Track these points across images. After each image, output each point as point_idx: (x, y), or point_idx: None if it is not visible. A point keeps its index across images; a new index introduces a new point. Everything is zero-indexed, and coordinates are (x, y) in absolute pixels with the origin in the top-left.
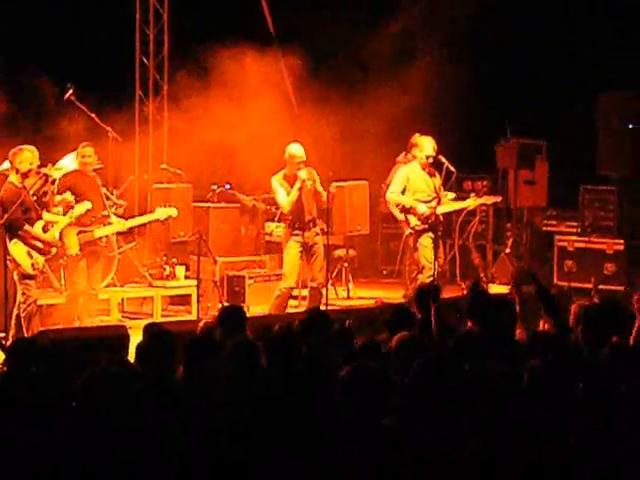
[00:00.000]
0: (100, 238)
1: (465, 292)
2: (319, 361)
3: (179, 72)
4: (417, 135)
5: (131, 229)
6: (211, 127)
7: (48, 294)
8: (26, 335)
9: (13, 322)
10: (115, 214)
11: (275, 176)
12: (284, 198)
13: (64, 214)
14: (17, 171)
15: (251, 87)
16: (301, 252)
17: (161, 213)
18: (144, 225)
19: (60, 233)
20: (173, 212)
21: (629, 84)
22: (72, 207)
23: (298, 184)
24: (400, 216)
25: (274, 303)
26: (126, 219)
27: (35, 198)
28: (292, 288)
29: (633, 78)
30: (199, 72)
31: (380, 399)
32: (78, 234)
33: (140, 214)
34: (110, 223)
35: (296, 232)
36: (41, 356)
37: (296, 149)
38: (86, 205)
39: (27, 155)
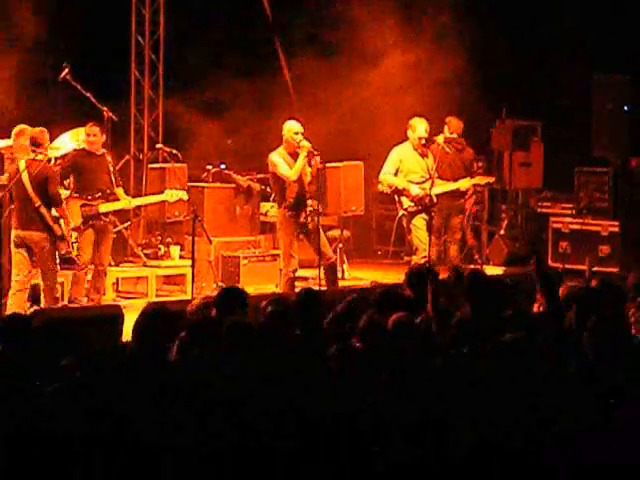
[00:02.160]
0: (105, 214)
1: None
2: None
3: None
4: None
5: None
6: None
7: None
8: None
9: (12, 293)
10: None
11: (272, 152)
12: (287, 168)
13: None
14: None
15: (248, 66)
16: (298, 233)
17: (170, 195)
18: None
19: (65, 203)
20: (184, 195)
21: (624, 66)
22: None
23: (304, 152)
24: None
25: (285, 287)
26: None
27: None
28: (296, 269)
29: (628, 60)
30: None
31: None
32: (82, 207)
33: (139, 195)
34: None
35: (291, 213)
36: (35, 335)
37: (294, 124)
38: None
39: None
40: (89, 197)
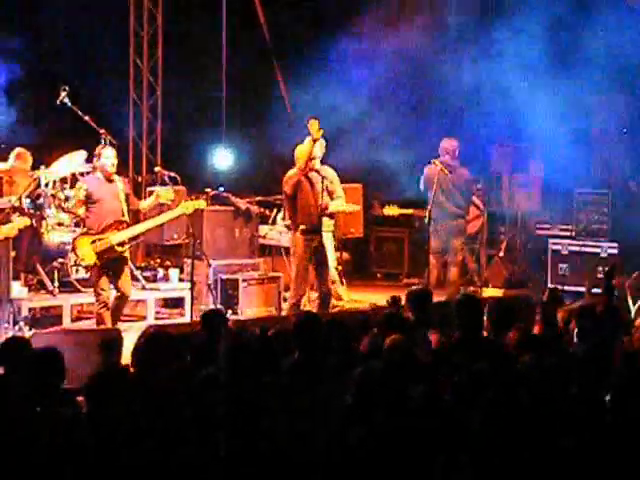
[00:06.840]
0: (120, 244)
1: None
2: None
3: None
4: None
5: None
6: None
7: (41, 296)
8: None
9: None
10: None
11: (290, 172)
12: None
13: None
14: None
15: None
16: (311, 257)
17: (186, 207)
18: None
19: (73, 244)
20: (202, 204)
21: (623, 88)
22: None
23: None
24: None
25: (290, 310)
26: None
27: (29, 200)
28: (303, 295)
29: (628, 82)
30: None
31: None
32: (93, 243)
33: (137, 217)
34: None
35: (308, 237)
36: (33, 358)
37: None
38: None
39: None
40: (96, 231)
